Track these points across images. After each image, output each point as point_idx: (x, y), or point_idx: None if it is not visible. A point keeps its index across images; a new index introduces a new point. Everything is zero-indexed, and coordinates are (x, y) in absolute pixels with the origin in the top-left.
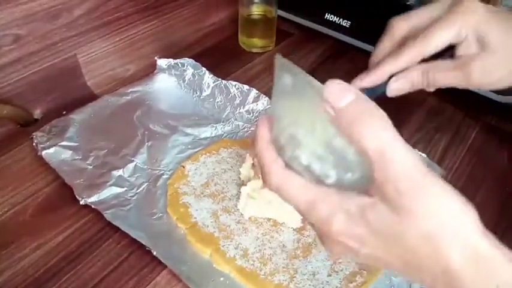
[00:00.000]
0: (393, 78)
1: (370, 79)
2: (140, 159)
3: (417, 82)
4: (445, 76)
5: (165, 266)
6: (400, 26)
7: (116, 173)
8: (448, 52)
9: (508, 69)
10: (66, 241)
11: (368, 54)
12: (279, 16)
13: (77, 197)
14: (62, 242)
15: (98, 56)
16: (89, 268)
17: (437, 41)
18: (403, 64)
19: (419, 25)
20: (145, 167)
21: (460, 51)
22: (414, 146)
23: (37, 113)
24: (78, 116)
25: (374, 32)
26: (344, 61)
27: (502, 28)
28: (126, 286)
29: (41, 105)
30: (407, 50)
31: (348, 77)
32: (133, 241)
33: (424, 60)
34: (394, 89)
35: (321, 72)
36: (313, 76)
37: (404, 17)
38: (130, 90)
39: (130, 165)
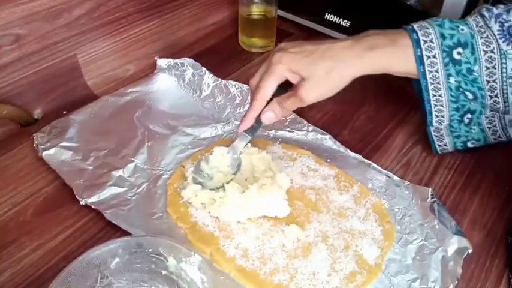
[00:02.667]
0: (262, 115)
1: (244, 125)
2: (140, 159)
3: (278, 111)
4: (290, 102)
5: None
6: (253, 80)
7: (116, 173)
8: None
9: (321, 90)
10: (67, 241)
11: None
12: (279, 16)
13: (77, 197)
14: (62, 241)
15: (98, 56)
16: None
17: (268, 90)
18: (256, 111)
19: (264, 71)
20: (146, 167)
21: (292, 80)
22: (413, 146)
23: (37, 113)
24: (78, 117)
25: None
26: None
27: (308, 62)
28: None
29: (41, 105)
30: (254, 102)
31: None
32: None
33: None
34: (266, 120)
35: None
36: None
37: (255, 73)
38: (130, 90)
39: (131, 165)
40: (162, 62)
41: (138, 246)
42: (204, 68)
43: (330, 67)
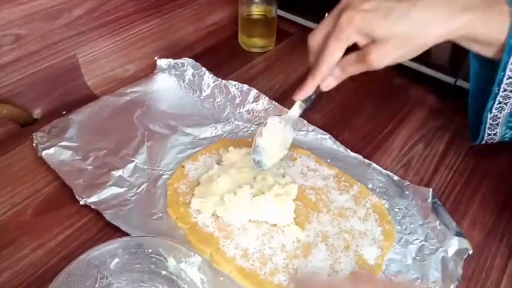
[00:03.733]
0: (322, 83)
1: (302, 94)
2: (140, 159)
3: (339, 76)
4: (355, 68)
5: None
6: (313, 39)
7: (116, 173)
8: None
9: (396, 55)
10: (66, 241)
11: None
12: (279, 16)
13: (76, 197)
14: (62, 242)
15: (98, 56)
16: None
17: (336, 57)
18: (319, 79)
19: (327, 30)
20: (145, 167)
21: (362, 43)
22: (414, 146)
23: (37, 113)
24: (77, 116)
25: None
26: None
27: (384, 24)
28: None
29: (41, 105)
30: (318, 68)
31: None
32: None
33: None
34: (325, 86)
35: None
36: None
37: (315, 29)
38: (130, 90)
39: (130, 166)
40: (162, 62)
41: (138, 247)
42: (204, 68)
43: (413, 30)
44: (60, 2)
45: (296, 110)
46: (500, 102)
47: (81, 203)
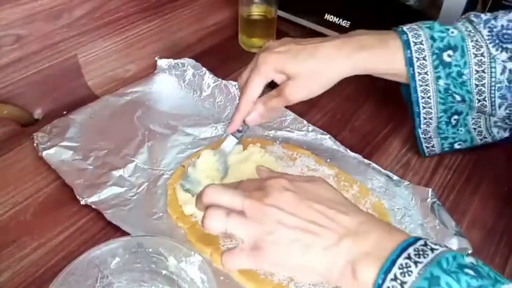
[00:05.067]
0: (247, 118)
1: (232, 127)
2: (140, 159)
3: (262, 111)
4: (274, 102)
5: None
6: (241, 78)
7: (116, 173)
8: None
9: (307, 90)
10: (67, 241)
11: None
12: (278, 16)
13: (77, 197)
14: (63, 241)
15: (98, 56)
16: None
17: (254, 91)
18: (243, 113)
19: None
20: (146, 167)
21: (278, 80)
22: (413, 146)
23: (38, 113)
24: (78, 116)
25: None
26: None
27: (294, 62)
28: None
29: (42, 105)
30: (241, 101)
31: (347, 77)
32: None
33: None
34: (251, 121)
35: None
36: None
37: (243, 71)
38: (131, 90)
39: (131, 165)
40: (162, 62)
41: (139, 246)
42: (204, 68)
43: (316, 67)
44: (60, 3)
45: (229, 143)
46: (425, 118)
47: (82, 202)
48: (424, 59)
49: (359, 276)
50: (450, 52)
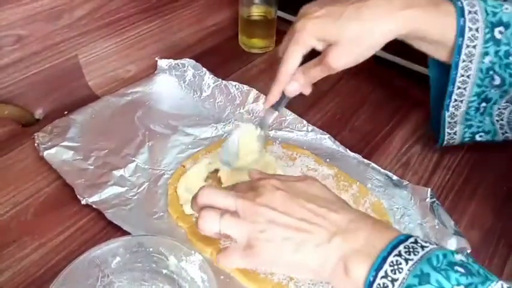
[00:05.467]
0: (286, 88)
1: (269, 101)
2: (141, 159)
3: (302, 81)
4: (316, 71)
5: None
6: (280, 49)
7: (117, 172)
8: None
9: (353, 55)
10: (68, 241)
11: None
12: (278, 17)
13: (78, 196)
14: (64, 241)
15: (99, 56)
16: None
17: (292, 62)
18: (281, 84)
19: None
20: (146, 166)
21: (319, 48)
22: (413, 145)
23: (38, 113)
24: (79, 117)
25: None
26: None
27: (336, 27)
28: None
29: (43, 106)
30: (279, 73)
31: (348, 77)
32: None
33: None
34: (290, 92)
35: None
36: None
37: (282, 41)
38: (131, 90)
39: (132, 165)
40: (162, 63)
41: (139, 246)
42: (204, 69)
43: (361, 29)
44: (61, 3)
45: (267, 117)
46: (456, 100)
47: (83, 202)
48: (476, 31)
49: (350, 274)
50: (501, 29)
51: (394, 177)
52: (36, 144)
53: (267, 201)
